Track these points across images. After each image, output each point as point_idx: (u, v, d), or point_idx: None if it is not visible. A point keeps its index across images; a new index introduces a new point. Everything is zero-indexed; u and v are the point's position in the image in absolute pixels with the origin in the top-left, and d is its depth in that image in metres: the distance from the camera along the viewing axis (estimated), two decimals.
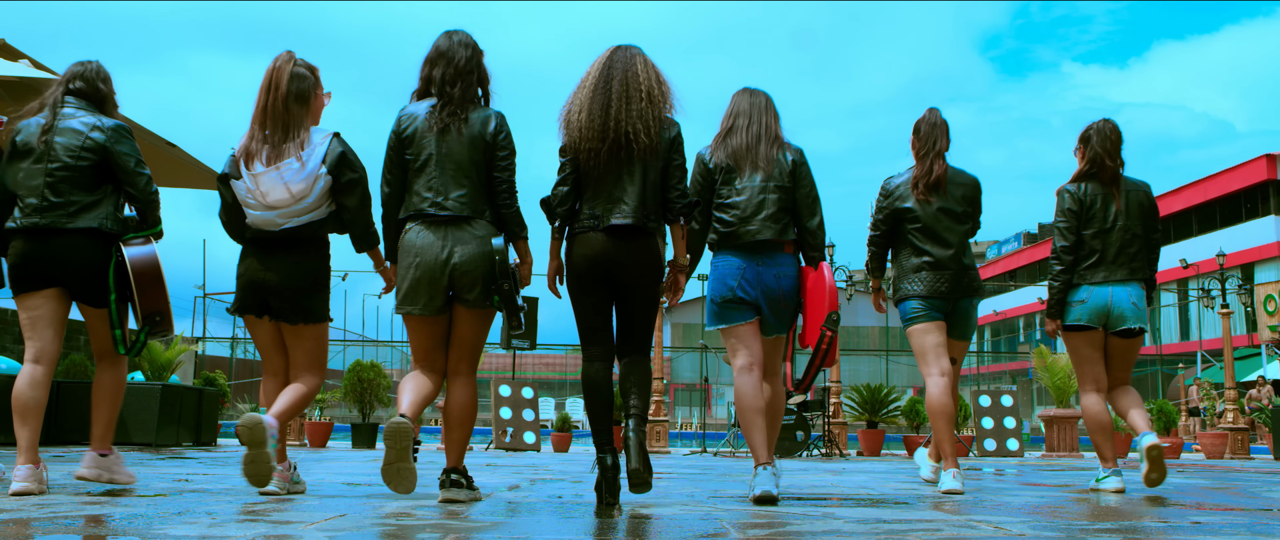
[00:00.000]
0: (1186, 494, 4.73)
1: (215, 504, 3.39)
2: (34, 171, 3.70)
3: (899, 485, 5.21)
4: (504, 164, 3.63)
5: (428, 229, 3.55)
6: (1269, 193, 30.95)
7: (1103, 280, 4.55)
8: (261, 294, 3.78)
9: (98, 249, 3.72)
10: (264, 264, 3.75)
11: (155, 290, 3.74)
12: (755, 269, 3.99)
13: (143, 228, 3.82)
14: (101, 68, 3.97)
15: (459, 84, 3.64)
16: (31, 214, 3.67)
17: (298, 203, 3.68)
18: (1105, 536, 2.77)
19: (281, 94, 3.72)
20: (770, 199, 4.00)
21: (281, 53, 3.82)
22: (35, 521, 2.77)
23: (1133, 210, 4.58)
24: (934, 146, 4.67)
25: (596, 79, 3.58)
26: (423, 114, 3.63)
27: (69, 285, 3.75)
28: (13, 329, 12.05)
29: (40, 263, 3.68)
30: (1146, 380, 27.96)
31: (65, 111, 3.79)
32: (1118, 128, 4.68)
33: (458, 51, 3.68)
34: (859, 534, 2.76)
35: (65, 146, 3.71)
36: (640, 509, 3.49)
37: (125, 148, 3.80)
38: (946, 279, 4.57)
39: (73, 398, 8.97)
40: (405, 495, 3.67)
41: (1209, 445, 12.45)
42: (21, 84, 6.26)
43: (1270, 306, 20.50)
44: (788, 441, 10.41)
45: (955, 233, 4.62)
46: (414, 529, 2.74)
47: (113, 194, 3.80)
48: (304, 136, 3.72)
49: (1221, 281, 16.47)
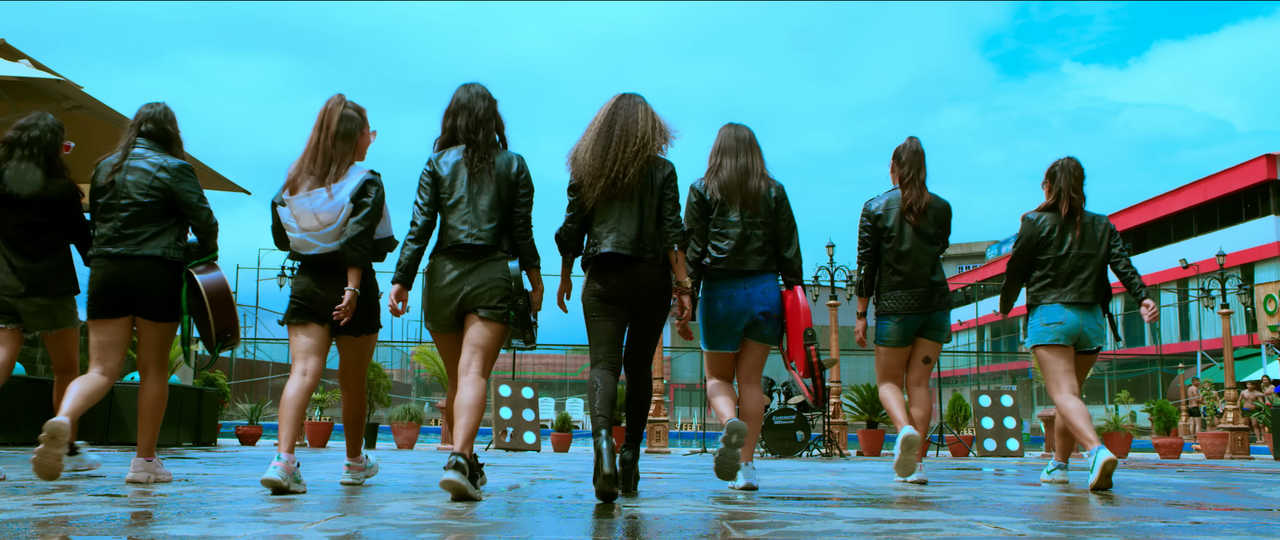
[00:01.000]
0: (1186, 494, 4.73)
1: (215, 504, 3.39)
2: (110, 207, 4.25)
3: (899, 485, 5.21)
4: (524, 201, 4.08)
5: (451, 260, 3.98)
6: (1269, 193, 30.95)
7: (1054, 300, 5.12)
8: (314, 308, 4.16)
9: (164, 272, 4.25)
10: (319, 284, 4.16)
11: (226, 310, 4.30)
12: (744, 291, 4.50)
13: (202, 254, 4.35)
14: (168, 110, 4.49)
15: (481, 132, 4.07)
16: (106, 244, 4.23)
17: (323, 229, 4.09)
18: (1105, 536, 2.78)
19: (330, 133, 4.15)
20: (757, 234, 4.52)
21: (334, 95, 4.27)
22: (35, 521, 2.77)
23: (1088, 240, 5.13)
24: (917, 175, 5.15)
25: (601, 125, 4.08)
26: (454, 159, 4.06)
27: (138, 306, 4.27)
28: None
29: (115, 289, 4.23)
30: (1146, 380, 27.95)
31: (135, 152, 4.31)
32: (1080, 165, 5.22)
33: (477, 103, 4.11)
34: (859, 534, 2.76)
35: (135, 184, 4.25)
36: (640, 509, 3.50)
37: (188, 186, 4.32)
38: (919, 296, 5.10)
39: None
40: (405, 495, 3.67)
41: (1209, 445, 12.45)
42: (22, 84, 6.26)
43: (1270, 306, 20.51)
44: (788, 441, 10.42)
45: (928, 254, 5.13)
46: (414, 528, 2.74)
47: (176, 225, 4.33)
48: (343, 171, 4.13)
49: (1221, 281, 16.43)
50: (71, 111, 6.55)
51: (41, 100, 6.57)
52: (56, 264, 4.50)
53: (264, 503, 3.46)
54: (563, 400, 27.23)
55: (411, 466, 6.64)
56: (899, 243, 5.11)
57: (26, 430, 8.50)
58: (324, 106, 4.23)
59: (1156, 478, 6.41)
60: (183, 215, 4.33)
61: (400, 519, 3.00)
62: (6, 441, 8.16)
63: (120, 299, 4.25)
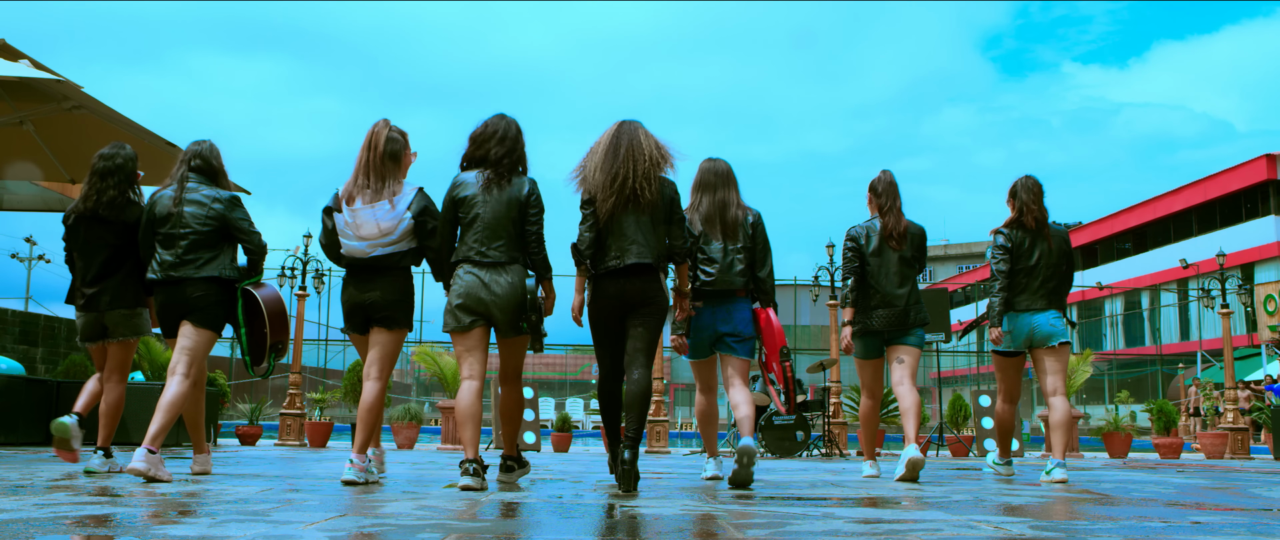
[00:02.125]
0: (1186, 494, 4.73)
1: (215, 504, 3.39)
2: (171, 236, 4.76)
3: (899, 485, 5.21)
4: (534, 220, 4.45)
5: (474, 270, 4.39)
6: (1269, 193, 30.94)
7: (1025, 308, 5.58)
8: (364, 312, 4.61)
9: (218, 290, 4.78)
10: (363, 288, 4.59)
11: (281, 323, 4.86)
12: (727, 311, 5.02)
13: (251, 274, 4.90)
14: (214, 146, 5.02)
15: (507, 159, 4.49)
16: (169, 269, 4.74)
17: (384, 237, 4.52)
18: (1105, 536, 2.78)
19: (379, 153, 4.58)
20: (740, 260, 5.03)
21: (379, 120, 4.71)
22: (35, 521, 2.77)
23: (1055, 250, 5.62)
24: (893, 203, 5.67)
25: (607, 146, 4.50)
26: (472, 181, 4.47)
27: (190, 316, 4.74)
28: (12, 329, 12.04)
29: (178, 307, 4.74)
30: (1146, 380, 27.95)
31: (189, 186, 4.83)
32: (1039, 182, 5.73)
33: (507, 131, 4.53)
34: (859, 534, 2.76)
35: (193, 215, 4.77)
36: (640, 509, 3.50)
37: (239, 214, 4.87)
38: (896, 315, 5.59)
39: (72, 397, 8.96)
40: (405, 495, 3.67)
41: (1209, 445, 12.44)
42: (22, 84, 6.25)
43: (1270, 306, 20.50)
44: (788, 441, 10.42)
45: (907, 276, 5.64)
46: (414, 529, 2.74)
47: (229, 248, 4.87)
48: (396, 187, 4.57)
49: (1221, 281, 16.40)
50: (72, 111, 6.55)
51: (41, 100, 6.57)
52: (131, 279, 5.02)
53: (264, 503, 3.46)
54: (563, 400, 27.22)
55: (411, 466, 6.65)
56: (880, 266, 5.60)
57: (26, 430, 8.50)
58: (371, 130, 4.67)
59: (1156, 478, 6.41)
60: (234, 240, 4.88)
61: (400, 519, 3.00)
62: (7, 441, 8.16)
63: (177, 314, 4.77)
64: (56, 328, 12.88)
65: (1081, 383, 12.05)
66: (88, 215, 4.97)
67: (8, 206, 11.40)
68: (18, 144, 7.40)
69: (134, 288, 5.01)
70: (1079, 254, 42.12)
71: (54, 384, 9.01)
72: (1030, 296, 5.59)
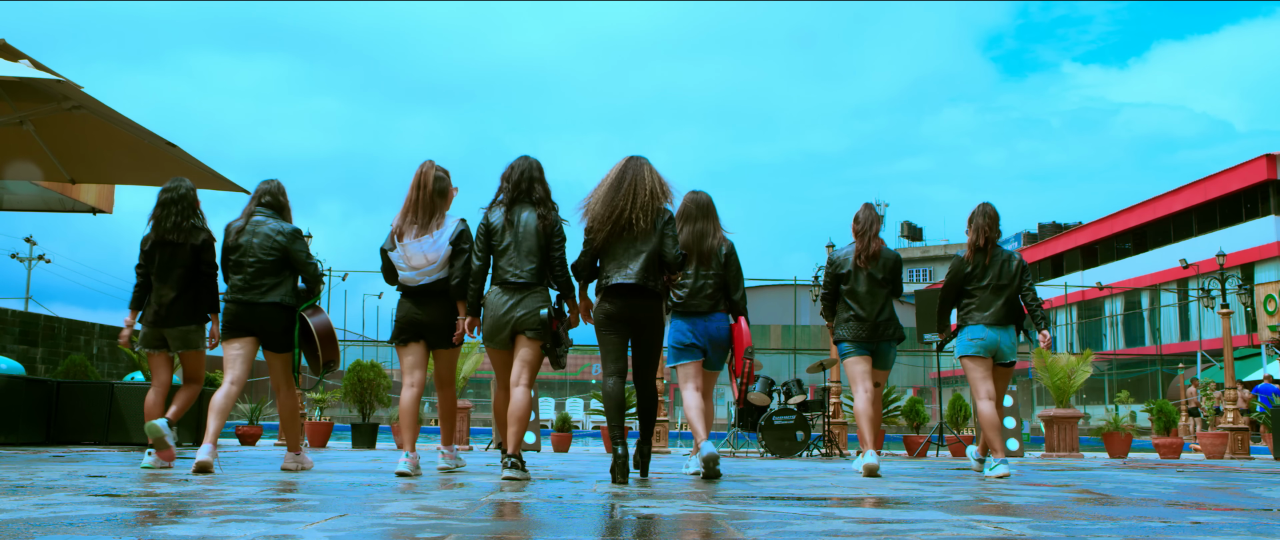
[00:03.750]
0: (1186, 494, 4.73)
1: (215, 504, 3.39)
2: (240, 263, 5.44)
3: (899, 485, 5.21)
4: (558, 247, 5.12)
5: (503, 291, 5.05)
6: (1269, 193, 30.94)
7: (990, 322, 6.21)
8: (418, 328, 5.41)
9: (282, 314, 5.49)
10: (418, 307, 5.39)
11: (331, 344, 5.55)
12: (703, 325, 5.79)
13: (309, 297, 5.62)
14: (280, 185, 5.73)
15: (532, 194, 5.13)
16: (239, 291, 5.44)
17: (429, 265, 5.31)
18: (1105, 536, 2.78)
19: (428, 192, 5.35)
20: (710, 284, 5.79)
21: (425, 161, 5.46)
22: (35, 521, 2.77)
23: (1004, 274, 6.25)
24: (872, 230, 6.40)
25: (613, 181, 5.05)
26: (502, 214, 5.12)
27: (261, 337, 5.50)
28: (12, 329, 12.05)
29: (242, 323, 5.46)
30: (1146, 380, 27.95)
31: (256, 219, 5.50)
32: (995, 210, 6.38)
33: (528, 170, 5.16)
34: (859, 534, 2.76)
35: (259, 245, 5.45)
36: (642, 508, 3.50)
37: (299, 246, 5.55)
38: (867, 328, 6.31)
39: (71, 397, 8.97)
40: (405, 495, 3.67)
41: (1209, 445, 12.44)
42: (22, 84, 6.25)
43: (1270, 306, 20.49)
44: (788, 441, 10.41)
45: (878, 295, 6.33)
46: (414, 529, 2.74)
47: (290, 276, 5.54)
48: (439, 221, 5.34)
49: (1221, 281, 16.43)
50: (72, 111, 6.54)
51: (41, 100, 6.57)
52: (195, 297, 5.63)
53: (264, 502, 3.46)
54: (562, 400, 27.23)
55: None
56: (855, 285, 6.33)
57: (26, 430, 8.50)
58: (419, 170, 5.41)
59: (1156, 478, 6.42)
60: (295, 268, 5.55)
61: (400, 519, 3.00)
62: (7, 442, 8.15)
63: (244, 328, 5.48)
64: (56, 328, 12.88)
65: (1081, 383, 12.04)
66: (159, 241, 5.58)
67: (8, 206, 11.40)
68: (18, 144, 7.39)
69: (199, 306, 5.65)
70: (1079, 254, 42.13)
71: (54, 384, 9.01)
72: (981, 311, 6.24)
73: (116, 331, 13.64)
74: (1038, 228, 52.95)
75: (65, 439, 8.85)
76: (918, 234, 66.61)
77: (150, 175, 7.91)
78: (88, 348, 13.10)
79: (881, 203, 65.57)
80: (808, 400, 10.95)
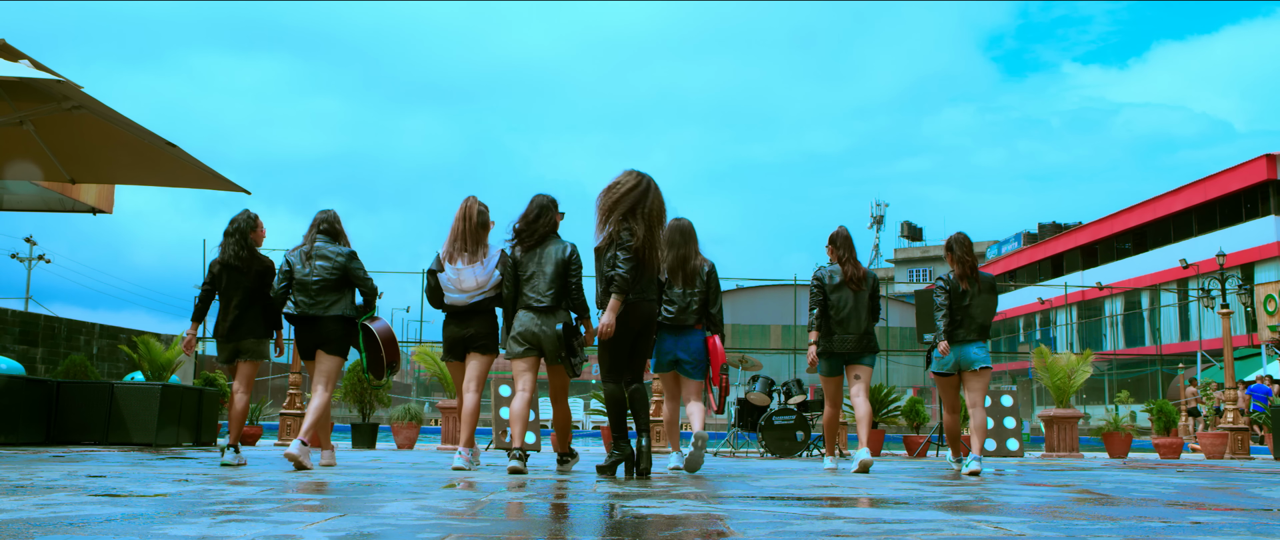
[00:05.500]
0: (1186, 494, 4.73)
1: (215, 504, 3.39)
2: (304, 283, 6.22)
3: (899, 485, 5.21)
4: (576, 274, 5.81)
5: (530, 313, 5.76)
6: (1269, 193, 30.93)
7: (961, 340, 6.89)
8: (463, 344, 6.21)
9: (343, 325, 6.29)
10: (462, 326, 6.19)
11: (393, 348, 6.39)
12: (686, 340, 6.53)
13: (367, 310, 6.40)
14: (336, 214, 6.54)
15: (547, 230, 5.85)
16: (305, 308, 6.22)
17: (479, 289, 6.12)
18: (1105, 536, 2.78)
19: (473, 224, 6.16)
20: (693, 301, 6.53)
21: (470, 196, 6.27)
22: (35, 521, 2.77)
23: (982, 294, 6.91)
24: (851, 254, 6.98)
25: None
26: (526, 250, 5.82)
27: (324, 346, 6.26)
28: (12, 329, 12.05)
29: (312, 337, 6.25)
30: (1146, 380, 27.95)
31: (317, 245, 6.29)
32: (969, 239, 7.06)
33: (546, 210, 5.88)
34: (859, 534, 2.76)
35: (322, 266, 6.23)
36: (642, 508, 3.50)
37: (356, 266, 6.32)
38: (850, 342, 6.88)
39: (71, 397, 8.96)
40: (405, 495, 3.67)
41: (1209, 445, 12.43)
42: (22, 84, 6.25)
43: (1270, 306, 20.49)
44: (788, 441, 10.42)
45: (860, 311, 6.91)
46: (414, 528, 2.74)
47: (349, 292, 6.33)
48: (485, 250, 6.15)
49: (1221, 281, 16.44)
50: (72, 111, 6.54)
51: (41, 100, 6.56)
52: (259, 314, 6.37)
53: (264, 502, 3.46)
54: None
55: (411, 467, 6.64)
56: (841, 302, 6.87)
57: (26, 430, 8.50)
58: (464, 204, 6.22)
59: (1156, 478, 6.42)
60: (353, 285, 6.33)
61: (400, 519, 3.00)
62: (7, 442, 8.15)
63: (314, 345, 6.25)
64: (56, 328, 12.88)
65: (1081, 383, 12.04)
66: (226, 265, 6.35)
67: (8, 206, 11.40)
68: (18, 144, 7.38)
69: (262, 321, 6.38)
70: (1079, 254, 42.12)
71: (54, 384, 9.00)
72: (966, 331, 6.88)
73: (116, 331, 13.68)
74: (1038, 228, 52.92)
75: (65, 439, 8.84)
76: (918, 234, 66.64)
77: (150, 175, 7.90)
78: (88, 348, 13.10)
79: (881, 203, 65.74)
80: (807, 400, 10.95)
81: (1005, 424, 11.81)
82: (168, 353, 10.43)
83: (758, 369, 11.84)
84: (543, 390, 25.23)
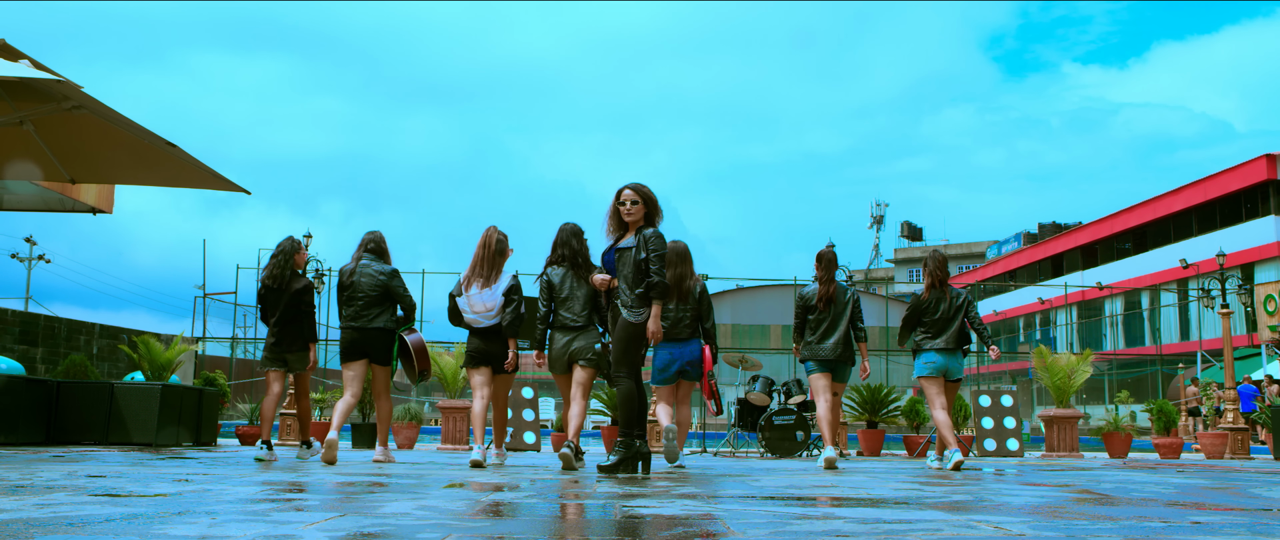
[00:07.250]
0: (1186, 494, 4.73)
1: (215, 504, 3.39)
2: (351, 297, 7.06)
3: (899, 485, 5.21)
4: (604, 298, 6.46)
5: (562, 332, 6.48)
6: (1269, 193, 30.93)
7: (940, 349, 7.51)
8: (486, 357, 6.83)
9: (387, 337, 7.13)
10: (484, 342, 6.82)
11: (424, 357, 7.17)
12: (683, 349, 7.30)
13: (406, 322, 7.21)
14: (381, 234, 7.32)
15: (579, 256, 6.53)
16: (353, 320, 7.06)
17: (489, 311, 6.76)
18: (1105, 536, 2.78)
19: (491, 251, 6.79)
20: (687, 317, 7.30)
21: (490, 226, 6.90)
22: (35, 521, 2.77)
23: (952, 307, 7.55)
24: (829, 275, 7.78)
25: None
26: (561, 272, 6.52)
27: (371, 356, 7.11)
28: (12, 329, 12.05)
29: (359, 346, 7.08)
30: (1146, 380, 27.94)
31: (363, 263, 7.11)
32: (944, 255, 7.82)
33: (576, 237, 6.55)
34: (859, 534, 2.76)
35: (366, 283, 7.07)
36: (642, 508, 3.50)
37: (397, 283, 7.15)
38: (830, 350, 7.68)
39: (71, 397, 8.96)
40: (406, 495, 3.67)
41: (1209, 445, 12.43)
42: (22, 84, 6.24)
43: (1270, 306, 20.50)
44: (788, 441, 10.42)
45: (836, 326, 7.71)
46: (414, 528, 2.74)
47: (391, 306, 7.15)
48: (498, 275, 6.77)
49: (1221, 281, 16.40)
50: (72, 111, 6.54)
51: (41, 100, 6.56)
52: (301, 330, 7.39)
53: (264, 502, 3.46)
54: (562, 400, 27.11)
55: (411, 467, 6.64)
56: (821, 317, 7.74)
57: (26, 430, 8.49)
58: (485, 233, 6.86)
59: (1156, 478, 6.42)
60: (395, 300, 7.13)
61: (400, 519, 3.00)
62: (7, 442, 8.15)
63: (360, 352, 7.09)
64: (56, 328, 12.88)
65: (1081, 383, 12.03)
66: (267, 286, 7.34)
67: (8, 206, 11.41)
68: (18, 144, 7.39)
69: (302, 335, 7.38)
70: (1079, 254, 42.11)
71: (54, 384, 9.00)
72: (944, 339, 7.53)
73: (116, 331, 13.70)
74: (1038, 228, 52.92)
75: (65, 439, 8.85)
76: (918, 234, 66.61)
77: (150, 175, 7.90)
78: (88, 348, 13.10)
79: (881, 203, 65.75)
80: (807, 400, 10.94)
81: (1005, 424, 11.81)
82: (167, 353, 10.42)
83: (758, 369, 11.83)
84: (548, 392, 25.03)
